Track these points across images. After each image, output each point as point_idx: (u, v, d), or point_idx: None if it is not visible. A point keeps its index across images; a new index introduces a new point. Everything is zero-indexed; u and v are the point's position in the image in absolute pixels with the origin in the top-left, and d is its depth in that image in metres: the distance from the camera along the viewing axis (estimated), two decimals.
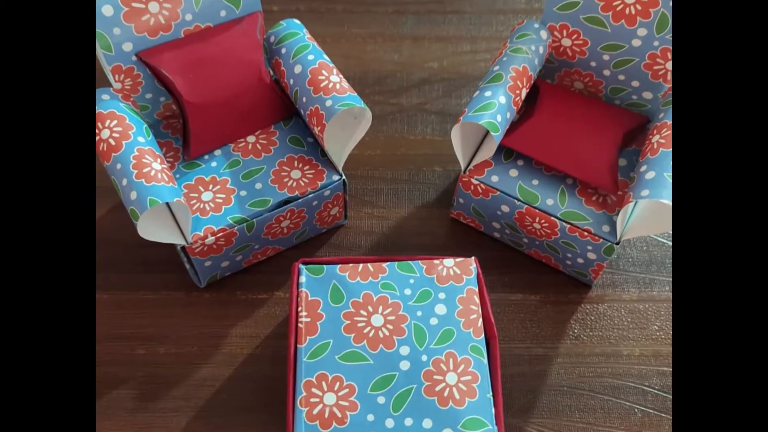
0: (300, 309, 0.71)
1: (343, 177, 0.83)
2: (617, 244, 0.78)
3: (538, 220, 0.81)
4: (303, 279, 0.73)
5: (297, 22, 0.87)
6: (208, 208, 0.78)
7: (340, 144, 0.82)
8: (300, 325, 0.70)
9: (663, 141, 0.77)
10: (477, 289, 0.73)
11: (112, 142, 0.73)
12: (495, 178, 0.82)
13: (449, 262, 0.74)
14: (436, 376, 0.67)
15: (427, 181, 0.96)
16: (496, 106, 0.76)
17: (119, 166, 0.72)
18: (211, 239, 0.77)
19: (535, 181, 0.82)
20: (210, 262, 0.81)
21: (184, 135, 0.83)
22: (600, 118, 0.83)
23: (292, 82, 0.82)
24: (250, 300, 0.85)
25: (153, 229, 0.73)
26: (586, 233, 0.79)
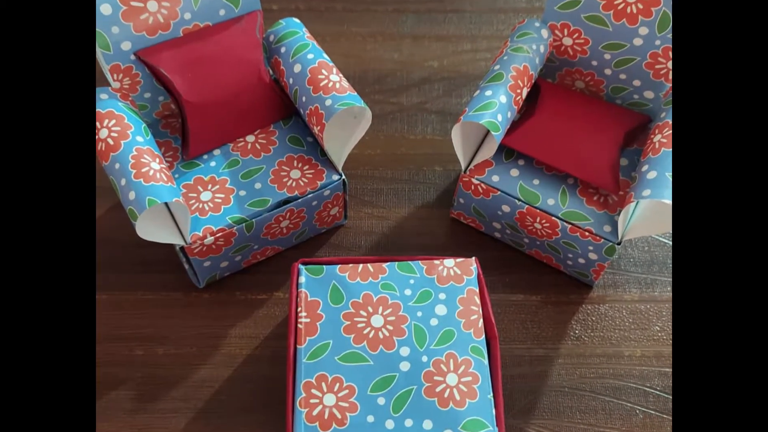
0: (299, 309, 0.71)
1: (343, 177, 0.82)
2: (618, 244, 0.78)
3: (539, 220, 0.81)
4: (302, 279, 0.72)
5: (296, 20, 0.87)
6: (207, 208, 0.78)
7: (340, 143, 0.82)
8: (299, 325, 0.70)
9: (664, 140, 0.77)
10: (477, 290, 0.72)
11: (111, 141, 0.73)
12: (496, 178, 0.82)
13: (449, 262, 0.74)
14: (436, 377, 0.67)
15: (428, 181, 0.96)
16: (496, 106, 0.76)
17: (118, 166, 0.72)
18: (210, 239, 0.77)
19: (536, 181, 0.82)
20: (209, 263, 0.81)
21: (183, 134, 0.83)
22: (601, 118, 0.83)
23: (291, 81, 0.82)
24: (249, 300, 0.85)
25: (152, 229, 0.73)
26: (587, 233, 0.78)
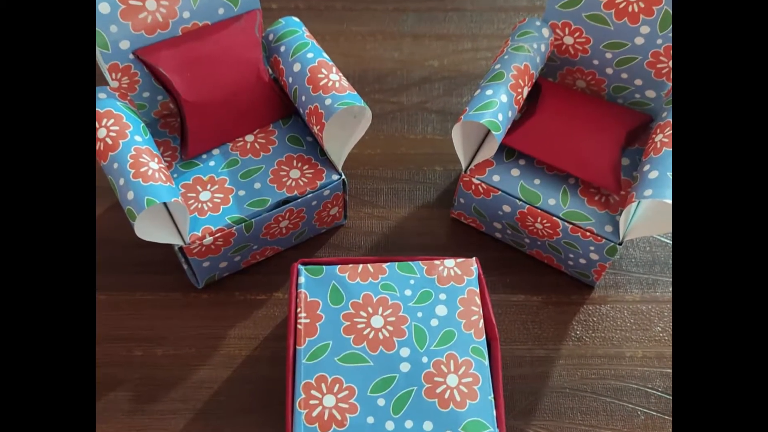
0: (299, 310, 0.70)
1: (343, 176, 0.82)
2: (620, 244, 0.77)
3: (539, 220, 0.81)
4: (302, 280, 0.72)
5: (296, 19, 0.87)
6: (206, 208, 0.78)
7: (340, 143, 0.81)
8: (299, 326, 0.69)
9: (666, 140, 0.76)
10: (478, 290, 0.72)
11: (109, 141, 0.73)
12: (496, 178, 0.82)
13: (450, 262, 0.74)
14: (436, 378, 0.67)
15: (428, 181, 0.95)
16: (497, 105, 0.76)
17: (116, 166, 0.72)
18: (209, 239, 0.77)
19: (536, 181, 0.82)
20: (208, 263, 0.80)
21: (182, 134, 0.83)
22: (602, 117, 0.83)
23: (291, 80, 0.82)
24: (248, 301, 0.85)
25: (150, 229, 0.73)
26: (588, 233, 0.78)
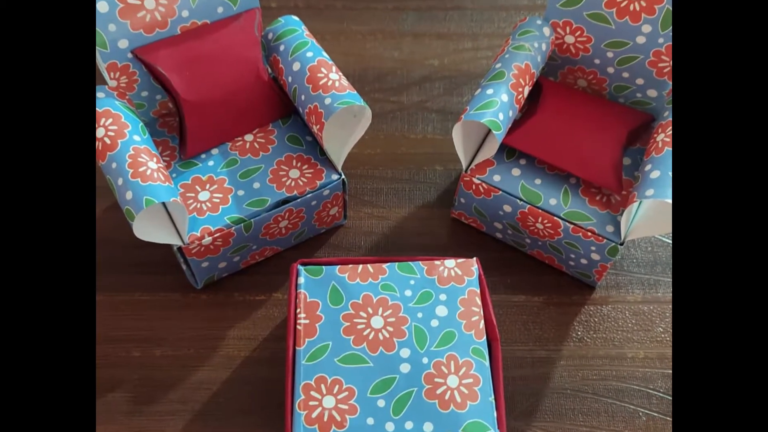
0: (298, 311, 0.70)
1: (343, 176, 0.82)
2: (621, 244, 0.77)
3: (540, 220, 0.80)
4: (302, 280, 0.72)
5: (295, 18, 0.86)
6: (205, 208, 0.78)
7: (340, 143, 0.81)
8: (298, 326, 0.69)
9: (668, 139, 0.76)
10: (478, 291, 0.72)
11: (108, 140, 0.73)
12: (497, 178, 0.82)
13: (450, 263, 0.73)
14: (437, 379, 0.66)
15: (428, 181, 0.95)
16: (498, 104, 0.76)
17: (115, 165, 0.71)
18: (208, 240, 0.76)
19: (537, 181, 0.81)
20: (207, 263, 0.80)
21: (181, 134, 0.82)
22: (604, 117, 0.83)
23: (290, 79, 0.81)
24: (247, 301, 0.84)
25: (149, 229, 0.72)
26: (589, 233, 0.78)
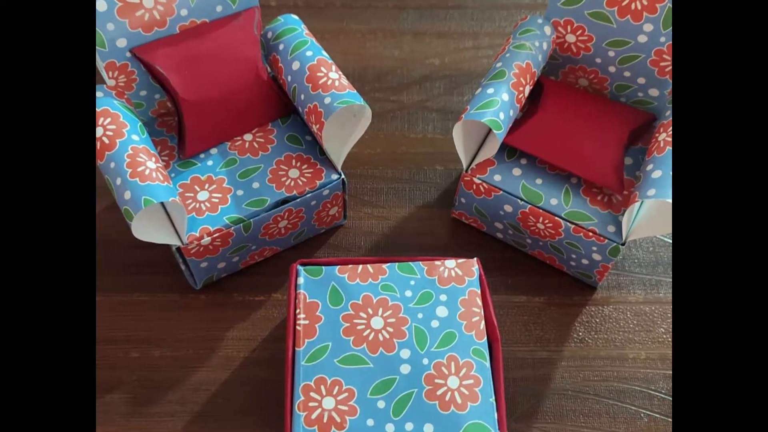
0: (298, 311, 0.70)
1: (342, 176, 0.82)
2: (623, 244, 0.77)
3: (541, 220, 0.80)
4: (301, 280, 0.72)
5: (295, 17, 0.86)
6: (204, 208, 0.77)
7: (339, 142, 0.81)
8: (298, 327, 0.69)
9: (669, 139, 0.76)
10: (479, 291, 0.72)
11: (106, 140, 0.72)
12: (498, 178, 0.81)
13: (451, 263, 0.73)
14: (437, 380, 0.66)
15: (428, 181, 0.95)
16: (498, 104, 0.75)
17: (113, 165, 0.71)
18: (207, 240, 0.76)
19: (538, 181, 0.81)
20: (206, 264, 0.80)
21: (180, 133, 0.82)
22: (605, 116, 0.83)
23: (290, 78, 0.81)
24: (246, 302, 0.84)
25: (148, 229, 0.72)
26: (590, 234, 0.78)
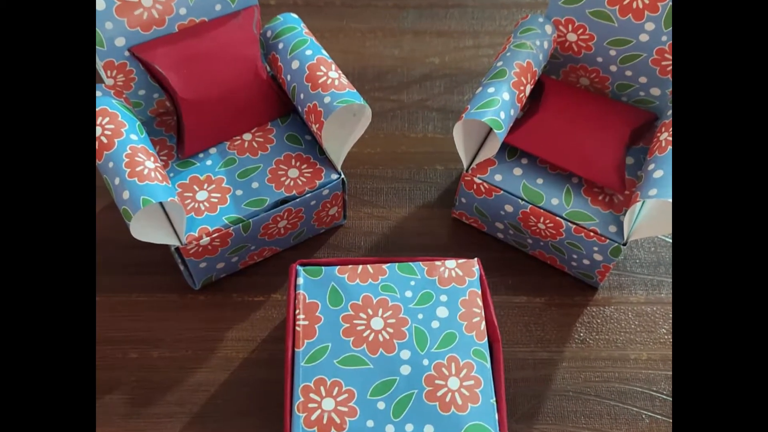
0: (297, 312, 0.70)
1: (342, 176, 0.81)
2: (624, 244, 0.77)
3: (542, 220, 0.80)
4: (301, 281, 0.72)
5: (294, 16, 0.86)
6: (203, 208, 0.77)
7: (339, 142, 0.81)
8: (297, 328, 0.69)
9: (671, 138, 0.76)
10: (480, 292, 0.72)
11: (104, 140, 0.72)
12: (498, 177, 0.81)
13: (451, 263, 0.73)
14: (437, 381, 0.66)
15: (429, 180, 0.95)
16: (499, 103, 0.75)
17: (111, 165, 0.71)
18: (206, 240, 0.76)
19: (539, 180, 0.81)
20: (205, 264, 0.80)
21: (179, 133, 0.82)
22: (606, 115, 0.82)
23: (289, 78, 0.81)
24: (246, 302, 0.84)
25: (146, 229, 0.72)
26: (592, 234, 0.77)
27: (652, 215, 0.76)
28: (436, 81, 1.04)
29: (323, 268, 0.72)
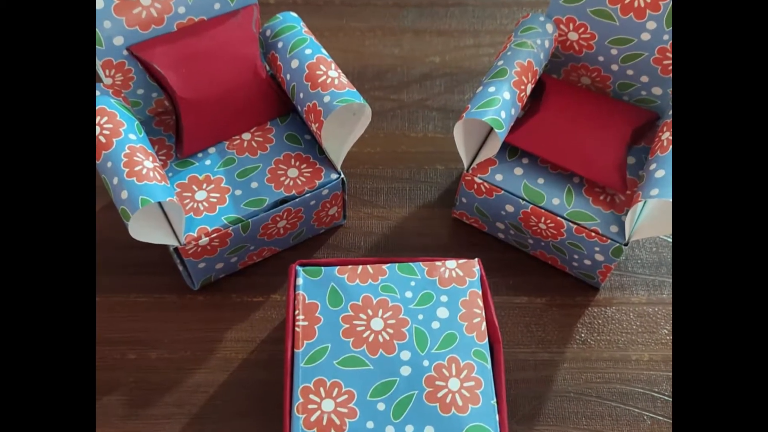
0: (297, 312, 0.70)
1: (342, 176, 0.81)
2: (626, 245, 0.76)
3: (543, 220, 0.79)
4: (300, 281, 0.71)
5: (294, 15, 0.86)
6: (201, 208, 0.77)
7: (339, 141, 0.80)
8: (297, 328, 0.69)
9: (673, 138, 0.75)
10: (480, 292, 0.71)
11: (103, 139, 0.72)
12: (499, 177, 0.81)
13: (452, 263, 0.73)
14: (438, 382, 0.66)
15: (429, 180, 0.94)
16: (500, 102, 0.75)
17: (110, 164, 0.71)
18: (204, 240, 0.75)
19: (540, 180, 0.81)
20: (204, 264, 0.79)
21: (177, 132, 0.82)
22: (608, 115, 0.82)
23: (288, 77, 0.80)
24: (245, 303, 0.84)
25: (145, 229, 0.72)
26: (593, 234, 0.77)
27: (653, 215, 0.76)
28: (437, 80, 1.04)
29: (323, 268, 0.72)
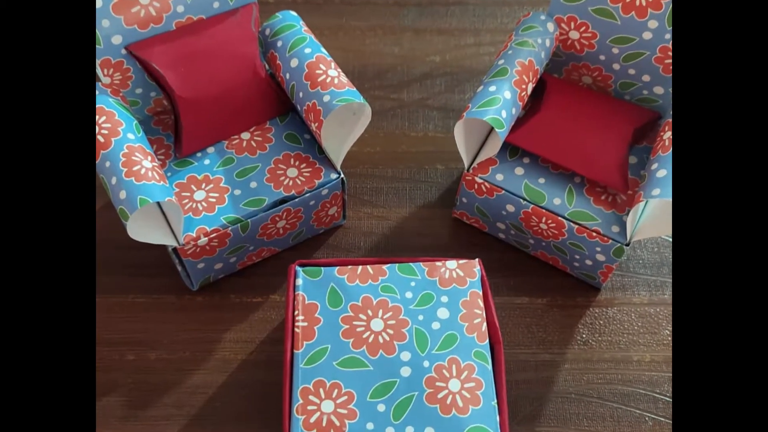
0: (296, 313, 0.69)
1: (342, 175, 0.81)
2: (627, 245, 0.76)
3: (544, 220, 0.79)
4: (300, 281, 0.71)
5: (293, 14, 0.85)
6: (200, 208, 0.77)
7: (339, 141, 0.80)
8: (296, 329, 0.68)
9: None
10: (481, 292, 0.71)
11: (101, 139, 0.72)
12: (500, 177, 0.81)
13: (452, 264, 0.73)
14: (438, 383, 0.66)
15: (429, 180, 0.94)
16: (500, 102, 0.75)
17: (108, 164, 0.71)
18: (203, 240, 0.75)
19: (541, 180, 0.80)
20: (203, 264, 0.79)
21: (176, 132, 0.81)
22: (609, 114, 0.82)
23: (288, 76, 0.80)
24: (244, 303, 0.83)
25: (143, 229, 0.72)
26: (594, 234, 0.77)
27: (655, 215, 0.75)
28: (437, 79, 1.04)
29: (322, 268, 0.72)
